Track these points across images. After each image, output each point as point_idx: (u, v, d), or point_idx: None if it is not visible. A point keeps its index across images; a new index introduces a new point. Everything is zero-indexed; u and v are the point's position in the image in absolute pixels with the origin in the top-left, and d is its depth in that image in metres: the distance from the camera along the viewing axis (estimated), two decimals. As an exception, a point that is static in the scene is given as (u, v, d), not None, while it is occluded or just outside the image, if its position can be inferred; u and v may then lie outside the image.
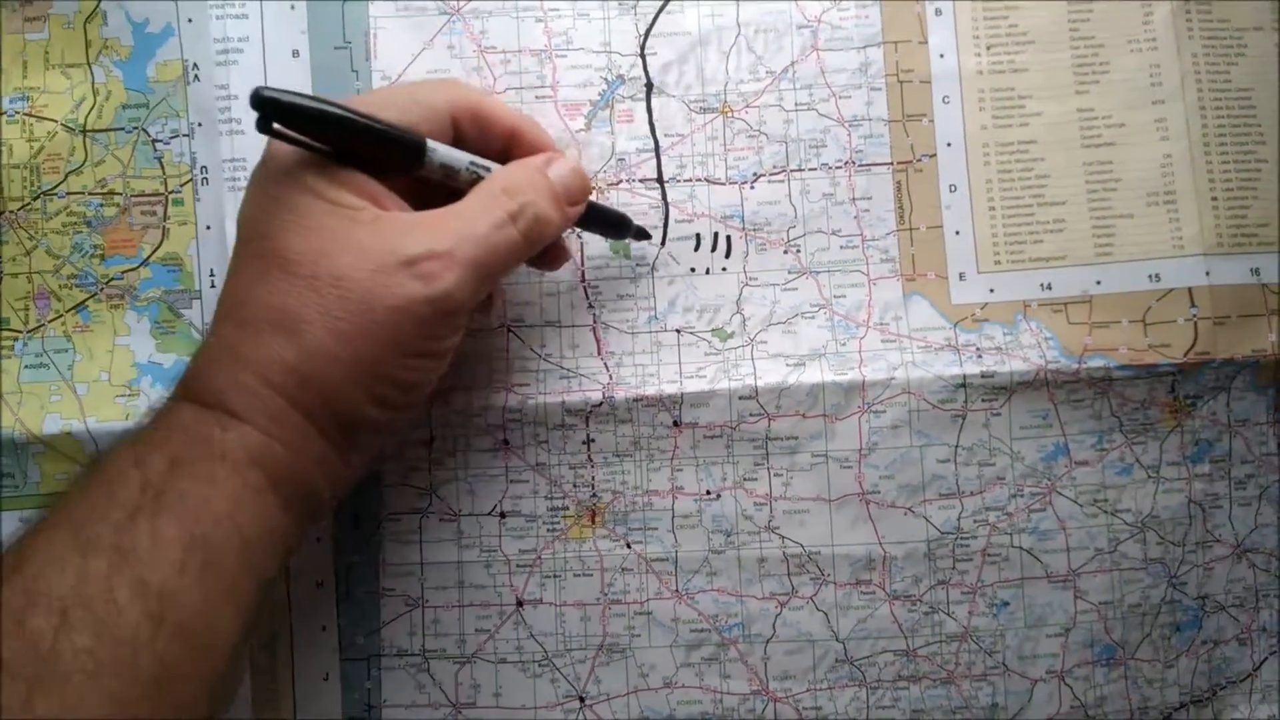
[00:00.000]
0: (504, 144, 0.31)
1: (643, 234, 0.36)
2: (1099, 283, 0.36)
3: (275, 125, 0.26)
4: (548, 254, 0.33)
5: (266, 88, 0.25)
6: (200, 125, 0.36)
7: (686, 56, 0.37)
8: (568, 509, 0.36)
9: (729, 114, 0.37)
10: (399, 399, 0.28)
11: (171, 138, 0.36)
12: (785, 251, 0.36)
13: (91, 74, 0.36)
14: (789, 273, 0.36)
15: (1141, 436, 0.36)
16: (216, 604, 0.24)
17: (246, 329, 0.26)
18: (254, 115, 0.26)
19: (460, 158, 0.29)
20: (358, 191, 0.27)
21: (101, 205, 0.36)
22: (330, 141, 0.27)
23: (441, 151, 0.28)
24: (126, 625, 0.22)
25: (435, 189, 0.29)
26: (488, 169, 0.29)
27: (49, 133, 0.36)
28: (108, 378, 0.35)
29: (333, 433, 0.27)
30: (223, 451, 0.25)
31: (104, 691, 0.21)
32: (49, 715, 0.21)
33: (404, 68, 0.36)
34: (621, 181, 0.37)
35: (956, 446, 0.35)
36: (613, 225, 0.34)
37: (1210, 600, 0.36)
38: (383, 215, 0.27)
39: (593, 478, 0.36)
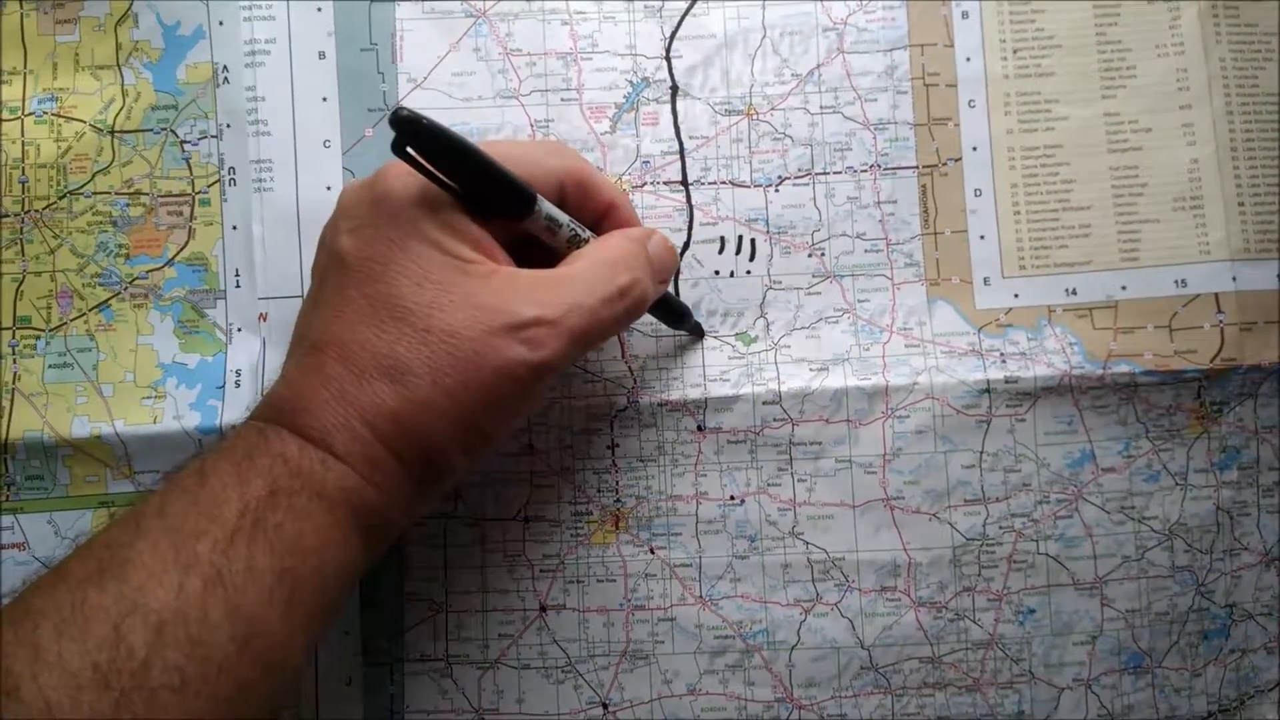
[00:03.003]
0: (599, 216, 0.32)
1: (699, 330, 0.36)
2: (1124, 288, 0.36)
3: (408, 149, 0.26)
4: None
5: (405, 108, 0.25)
6: (229, 126, 0.36)
7: (712, 59, 0.37)
8: (591, 514, 0.35)
9: (754, 117, 0.36)
10: (483, 448, 0.29)
11: (200, 139, 0.36)
12: (809, 255, 0.36)
13: (121, 76, 0.36)
14: (813, 276, 0.36)
15: (1168, 443, 0.35)
16: (294, 634, 0.25)
17: (355, 371, 0.26)
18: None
19: (562, 217, 0.30)
20: (473, 244, 0.28)
21: (128, 205, 0.36)
22: (454, 175, 0.27)
23: (548, 207, 0.29)
24: (216, 646, 0.23)
25: (514, 241, 0.30)
26: (585, 234, 0.30)
27: (77, 133, 0.36)
28: (133, 379, 0.35)
29: (420, 476, 0.28)
30: (321, 489, 0.26)
31: (186, 709, 0.22)
32: None
33: (430, 70, 0.36)
34: (646, 184, 0.36)
35: (981, 452, 0.35)
36: (674, 313, 0.34)
37: (1238, 608, 0.36)
38: (496, 271, 0.28)
39: (616, 482, 0.35)
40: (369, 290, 0.27)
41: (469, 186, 0.28)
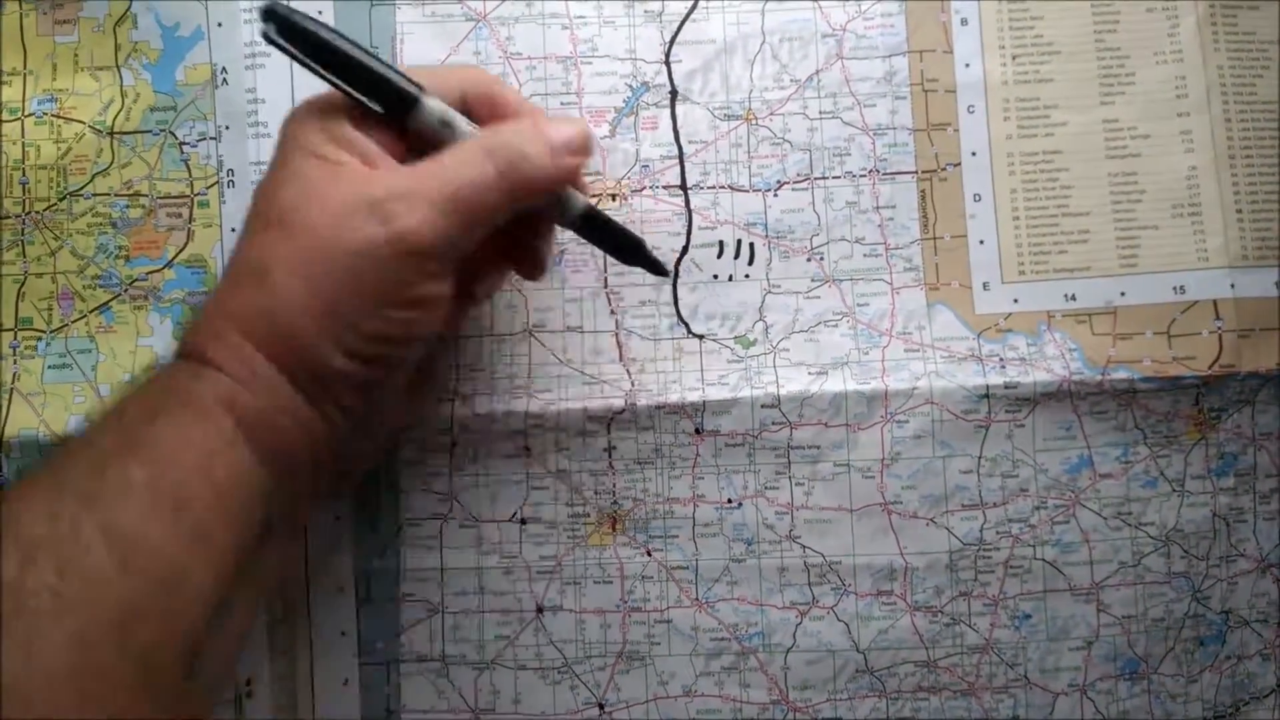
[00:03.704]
0: None
1: (658, 268, 0.33)
2: (1123, 294, 0.36)
3: (274, 37, 0.27)
4: (525, 254, 0.32)
5: (278, 3, 0.27)
6: (228, 128, 0.36)
7: (711, 64, 0.37)
8: (588, 516, 0.35)
9: (753, 121, 0.37)
10: (370, 351, 0.27)
11: (199, 140, 0.36)
12: (808, 259, 0.36)
13: (120, 77, 0.36)
14: (812, 280, 0.36)
15: (1166, 449, 0.36)
16: (187, 550, 0.24)
17: (231, 282, 0.27)
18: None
19: (459, 120, 0.28)
20: (349, 148, 0.27)
21: (127, 207, 0.36)
22: (328, 69, 0.27)
23: (440, 109, 0.28)
24: (92, 566, 0.22)
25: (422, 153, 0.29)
26: None
27: (76, 134, 0.36)
28: (131, 379, 0.35)
29: (304, 383, 0.27)
30: (197, 400, 0.25)
31: (66, 630, 0.21)
32: (12, 652, 0.21)
33: (430, 72, 0.36)
34: (645, 188, 0.36)
35: (979, 457, 0.35)
36: (622, 246, 0.32)
37: (1234, 615, 0.36)
38: (364, 170, 0.27)
39: (614, 485, 0.35)
40: (256, 208, 0.28)
41: (351, 84, 0.27)
